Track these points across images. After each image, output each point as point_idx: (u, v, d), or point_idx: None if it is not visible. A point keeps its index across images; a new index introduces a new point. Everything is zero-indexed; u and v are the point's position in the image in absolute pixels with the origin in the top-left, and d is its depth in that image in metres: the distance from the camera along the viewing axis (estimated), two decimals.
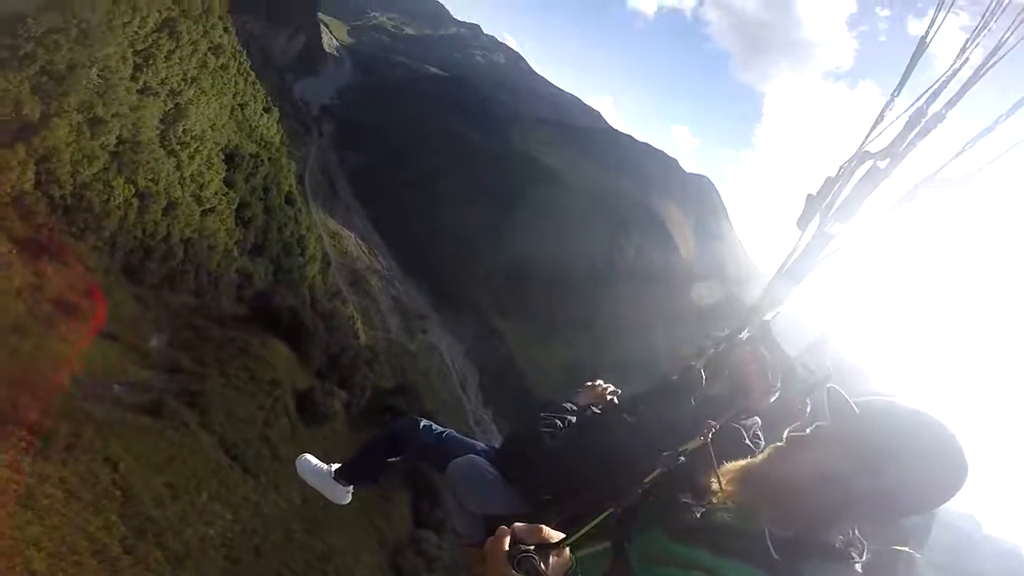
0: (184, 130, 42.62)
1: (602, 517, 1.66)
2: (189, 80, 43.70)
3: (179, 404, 22.61)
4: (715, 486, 1.71)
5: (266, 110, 66.70)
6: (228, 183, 48.26)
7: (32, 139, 27.66)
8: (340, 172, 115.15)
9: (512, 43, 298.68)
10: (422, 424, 3.13)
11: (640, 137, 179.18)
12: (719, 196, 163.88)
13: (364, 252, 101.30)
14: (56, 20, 28.23)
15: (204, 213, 43.74)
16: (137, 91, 37.24)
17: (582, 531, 1.57)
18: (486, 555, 1.36)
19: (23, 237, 26.49)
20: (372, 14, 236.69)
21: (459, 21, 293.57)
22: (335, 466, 3.54)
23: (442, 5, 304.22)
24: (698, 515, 1.63)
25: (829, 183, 1.88)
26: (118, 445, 17.62)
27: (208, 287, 41.48)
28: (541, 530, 1.37)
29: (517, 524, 1.37)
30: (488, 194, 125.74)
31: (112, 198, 32.44)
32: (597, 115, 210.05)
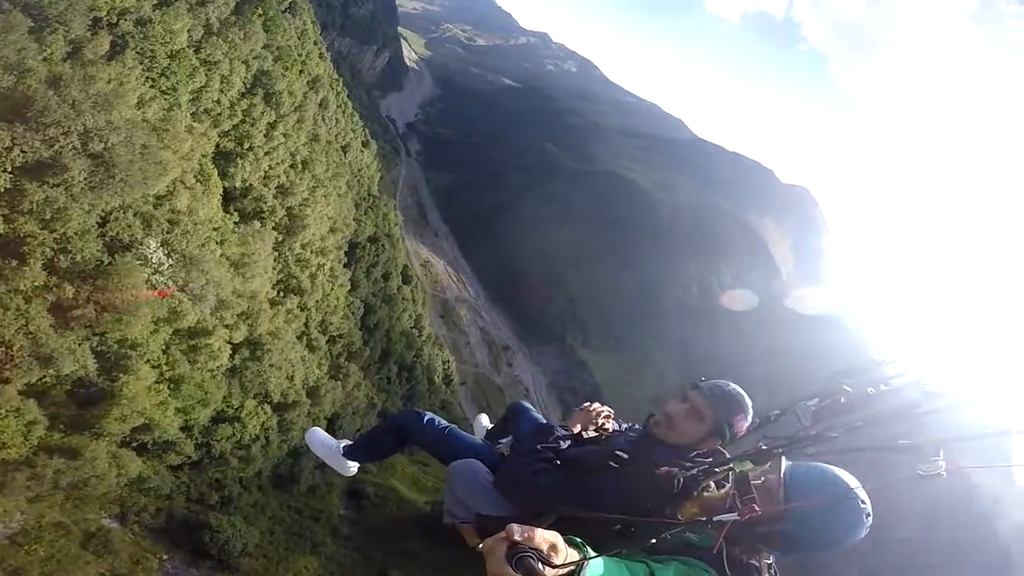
0: (303, 245, 29.60)
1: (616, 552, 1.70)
2: (299, 165, 30.49)
3: None
4: (687, 512, 2.03)
5: (364, 144, 54.03)
6: (354, 284, 38.27)
7: None
8: (427, 193, 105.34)
9: (580, 51, 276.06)
10: (426, 418, 3.13)
11: (726, 146, 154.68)
12: (819, 208, 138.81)
13: (453, 280, 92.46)
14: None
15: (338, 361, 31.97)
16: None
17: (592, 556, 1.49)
18: (486, 554, 1.31)
19: None
20: (445, 25, 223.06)
21: (527, 30, 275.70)
22: (343, 443, 3.57)
23: (510, 15, 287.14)
24: (670, 536, 1.89)
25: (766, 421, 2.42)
26: None
27: None
28: (535, 532, 1.30)
29: (513, 525, 1.30)
30: (574, 215, 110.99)
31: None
32: (680, 123, 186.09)
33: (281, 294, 28.62)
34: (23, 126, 13.48)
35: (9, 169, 13.15)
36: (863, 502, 1.92)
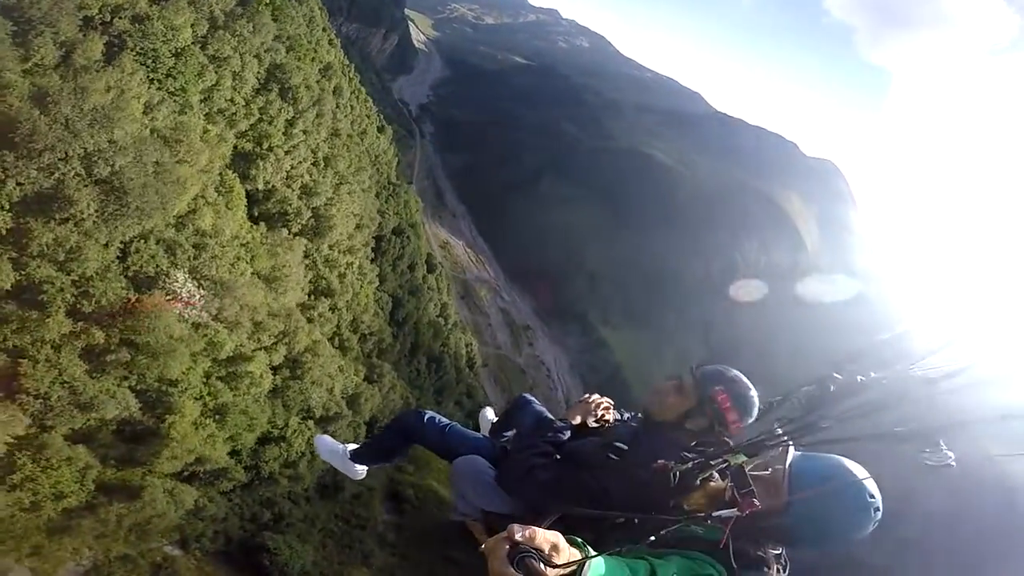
0: (331, 245, 28.39)
1: (618, 550, 1.65)
2: (321, 162, 28.82)
3: None
4: (693, 502, 1.93)
5: (380, 130, 52.76)
6: (381, 279, 36.46)
7: None
8: (443, 175, 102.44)
9: (592, 26, 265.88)
10: (426, 418, 3.09)
11: (747, 120, 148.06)
12: (845, 181, 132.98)
13: (472, 260, 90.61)
14: None
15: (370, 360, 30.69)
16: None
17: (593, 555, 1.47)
18: (487, 553, 1.29)
19: None
20: (452, 5, 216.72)
21: (536, 7, 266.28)
22: (350, 447, 3.53)
23: None
24: (672, 531, 1.77)
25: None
26: None
27: None
28: (537, 533, 1.27)
29: (514, 525, 1.28)
30: (592, 192, 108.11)
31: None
32: (699, 98, 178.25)
33: (312, 297, 27.82)
34: (13, 153, 11.52)
35: (7, 206, 11.45)
36: (871, 495, 1.81)
